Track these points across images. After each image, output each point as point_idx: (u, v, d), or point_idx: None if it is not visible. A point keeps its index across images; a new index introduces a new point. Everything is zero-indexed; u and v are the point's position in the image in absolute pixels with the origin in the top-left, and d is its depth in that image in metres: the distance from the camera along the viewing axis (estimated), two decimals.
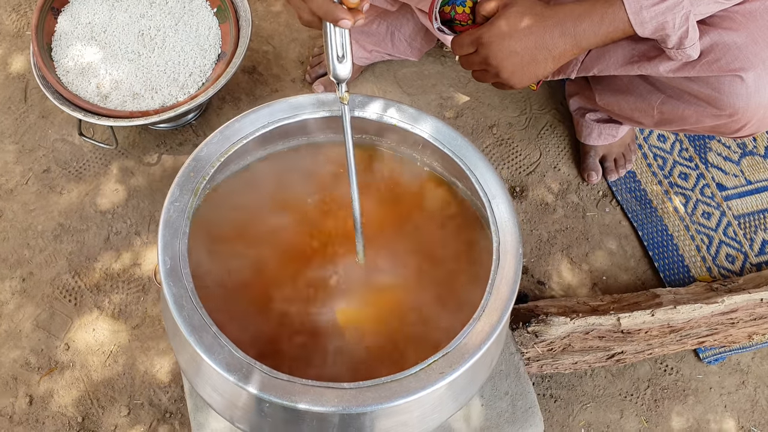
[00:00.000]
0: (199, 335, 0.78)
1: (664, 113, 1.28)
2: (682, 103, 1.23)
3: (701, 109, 1.20)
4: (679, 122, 1.27)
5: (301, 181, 0.99)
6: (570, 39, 1.05)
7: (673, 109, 1.25)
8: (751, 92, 1.12)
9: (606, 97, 1.43)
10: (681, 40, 1.05)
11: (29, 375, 1.39)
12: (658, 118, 1.30)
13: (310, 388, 0.76)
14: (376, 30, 1.53)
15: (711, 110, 1.18)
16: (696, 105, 1.20)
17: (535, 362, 1.34)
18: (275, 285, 0.92)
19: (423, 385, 0.77)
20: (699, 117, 1.21)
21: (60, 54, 1.49)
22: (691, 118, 1.23)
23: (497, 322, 0.81)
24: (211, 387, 0.85)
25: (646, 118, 1.33)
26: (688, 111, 1.22)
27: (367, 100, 0.96)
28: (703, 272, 1.58)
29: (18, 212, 1.53)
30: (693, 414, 1.45)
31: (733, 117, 1.16)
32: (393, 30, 1.55)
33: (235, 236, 0.95)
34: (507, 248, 0.86)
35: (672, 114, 1.26)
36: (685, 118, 1.24)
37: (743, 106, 1.14)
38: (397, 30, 1.55)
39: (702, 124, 1.23)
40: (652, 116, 1.31)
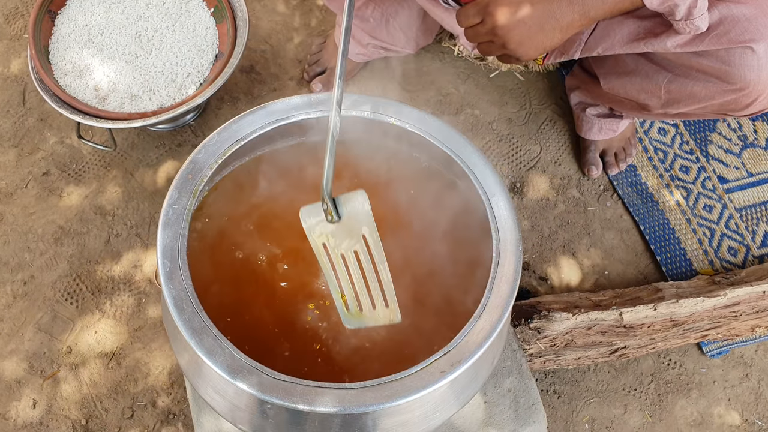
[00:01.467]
0: (200, 338, 0.78)
1: (671, 92, 1.26)
2: (690, 80, 1.21)
3: (710, 85, 1.18)
4: (687, 101, 1.24)
5: (299, 182, 0.99)
6: (578, 8, 1.02)
7: (681, 87, 1.23)
8: (763, 64, 1.11)
9: (611, 80, 1.41)
10: (690, 10, 1.02)
11: (32, 378, 1.39)
12: (666, 98, 1.28)
13: (311, 388, 0.76)
14: (371, 15, 1.51)
15: (721, 85, 1.16)
16: (705, 81, 1.18)
17: (537, 358, 1.34)
18: (275, 286, 0.92)
19: (424, 384, 0.77)
20: (708, 93, 1.19)
21: (57, 57, 1.49)
22: (699, 94, 1.21)
23: (498, 320, 0.81)
24: (212, 389, 0.85)
25: (652, 99, 1.31)
26: (697, 88, 1.20)
27: (364, 99, 0.95)
28: (705, 265, 1.57)
29: (18, 216, 1.53)
30: (697, 407, 1.44)
31: (743, 91, 1.15)
32: (388, 17, 1.53)
33: (235, 237, 0.95)
34: (507, 246, 0.86)
35: (680, 92, 1.24)
36: (694, 96, 1.22)
37: (754, 78, 1.12)
38: (392, 17, 1.53)
39: (711, 101, 1.21)
40: (659, 96, 1.29)
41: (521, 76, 1.77)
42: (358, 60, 1.70)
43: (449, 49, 1.77)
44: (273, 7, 1.81)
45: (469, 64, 1.77)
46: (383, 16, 1.53)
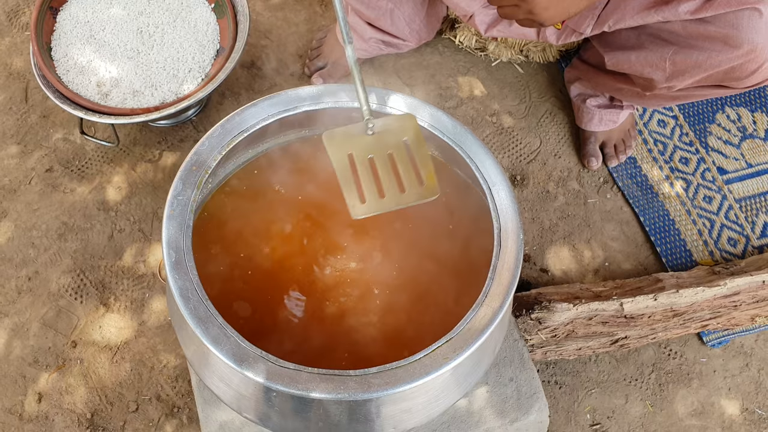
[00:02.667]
0: (206, 326, 0.79)
1: (676, 63, 1.26)
2: (695, 50, 1.22)
3: (715, 53, 1.18)
4: (692, 71, 1.25)
5: (303, 173, 1.00)
6: None
7: (686, 57, 1.24)
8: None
9: (616, 56, 1.40)
10: None
11: (38, 373, 1.40)
12: (671, 71, 1.28)
13: (316, 376, 0.77)
14: (377, 3, 1.52)
15: (727, 52, 1.17)
16: (710, 50, 1.19)
17: (539, 349, 1.35)
18: (280, 275, 0.93)
19: (427, 370, 0.78)
20: (713, 62, 1.20)
21: (60, 53, 1.50)
22: (704, 63, 1.21)
23: (500, 307, 0.82)
24: (218, 378, 0.86)
25: (657, 72, 1.31)
26: (702, 57, 1.21)
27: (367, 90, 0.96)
28: (705, 256, 1.58)
29: (22, 212, 1.54)
30: (697, 397, 1.45)
31: (750, 55, 1.15)
32: (393, 7, 1.53)
33: (239, 227, 0.96)
34: (508, 234, 0.87)
35: (685, 63, 1.25)
36: (699, 65, 1.23)
37: (762, 41, 1.13)
38: (398, 8, 1.54)
39: (717, 69, 1.21)
40: (664, 69, 1.29)
41: (521, 69, 1.77)
42: (359, 56, 1.71)
43: (449, 42, 1.78)
44: (273, 3, 1.82)
45: (469, 57, 1.77)
46: (388, 4, 1.53)
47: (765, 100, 1.77)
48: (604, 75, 1.51)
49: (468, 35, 1.74)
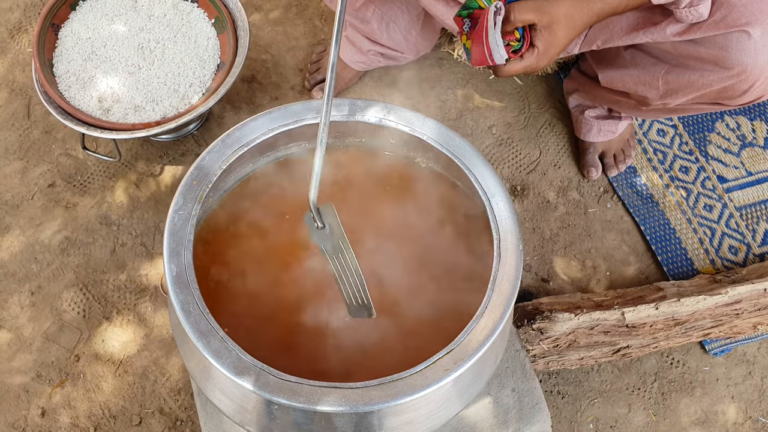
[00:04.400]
0: (207, 340, 0.79)
1: (669, 83, 1.28)
2: (687, 70, 1.23)
3: (707, 73, 1.20)
4: (685, 90, 1.26)
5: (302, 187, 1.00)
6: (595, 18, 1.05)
7: (679, 77, 1.25)
8: (759, 48, 1.13)
9: (609, 74, 1.42)
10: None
11: (41, 387, 1.40)
12: (664, 89, 1.29)
13: (317, 388, 0.77)
14: (371, 17, 1.53)
15: (718, 72, 1.18)
16: (702, 70, 1.20)
17: (541, 359, 1.35)
18: (281, 289, 0.94)
19: (429, 382, 0.78)
20: (706, 82, 1.21)
21: (61, 69, 1.51)
22: (697, 83, 1.23)
23: (500, 318, 0.82)
24: (220, 391, 0.86)
25: (651, 90, 1.32)
26: (694, 77, 1.22)
27: (366, 104, 0.97)
28: (707, 264, 1.58)
29: (25, 227, 1.55)
30: (701, 406, 1.45)
31: (741, 76, 1.16)
32: (388, 21, 1.55)
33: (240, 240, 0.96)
34: (507, 245, 0.87)
35: (677, 82, 1.26)
36: (692, 84, 1.24)
37: (751, 62, 1.14)
38: (393, 21, 1.55)
39: (709, 89, 1.22)
40: (657, 88, 1.30)
41: (519, 80, 1.78)
42: (358, 68, 1.72)
43: (448, 55, 1.79)
44: (273, 18, 1.83)
45: (467, 69, 1.78)
46: (383, 19, 1.55)
47: (764, 109, 1.77)
48: (602, 88, 1.52)
49: None
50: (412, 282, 0.94)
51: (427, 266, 0.97)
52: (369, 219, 0.97)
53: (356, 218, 0.98)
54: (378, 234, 0.98)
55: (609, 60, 1.41)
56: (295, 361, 0.88)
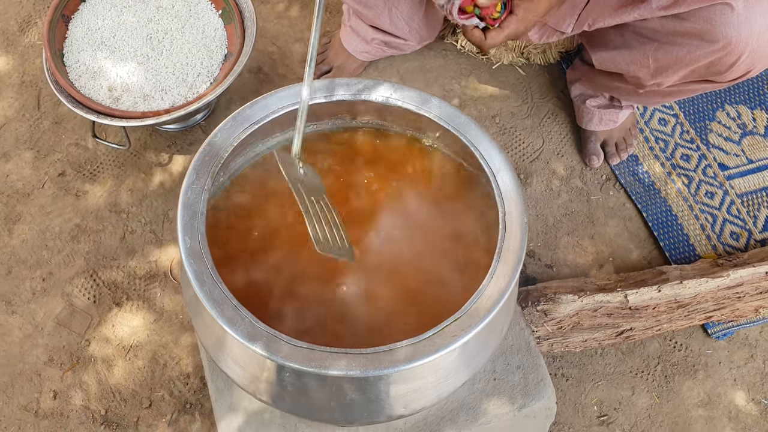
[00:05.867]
0: (221, 308, 0.81)
1: (658, 60, 1.30)
2: (674, 46, 1.26)
3: (694, 48, 1.22)
4: (674, 67, 1.29)
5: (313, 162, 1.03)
6: None
7: (667, 54, 1.28)
8: (742, 20, 1.15)
9: (602, 55, 1.45)
10: None
11: (52, 371, 1.43)
12: (654, 68, 1.32)
13: (328, 354, 0.79)
14: (374, 2, 1.56)
15: (704, 47, 1.21)
16: (688, 45, 1.23)
17: (545, 341, 1.37)
18: (289, 260, 0.96)
19: (437, 347, 0.80)
20: (693, 57, 1.24)
21: (72, 59, 1.54)
22: (685, 59, 1.25)
23: (506, 287, 0.84)
24: (232, 360, 0.88)
25: (642, 69, 1.35)
26: (682, 52, 1.25)
27: (372, 83, 0.99)
28: (708, 250, 1.60)
29: (36, 215, 1.57)
30: (703, 388, 1.47)
31: (726, 49, 1.19)
32: (390, 6, 1.57)
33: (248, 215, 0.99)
34: (512, 218, 0.90)
35: (666, 59, 1.29)
36: (680, 61, 1.26)
37: (735, 35, 1.16)
38: (395, 7, 1.57)
39: (697, 64, 1.25)
40: (648, 66, 1.33)
41: (522, 71, 1.81)
42: (363, 58, 1.74)
43: (451, 46, 1.81)
44: (279, 10, 1.86)
45: (471, 60, 1.81)
46: (386, 4, 1.57)
47: (764, 97, 1.80)
48: (602, 75, 1.54)
49: None
50: (419, 256, 0.96)
51: (433, 240, 0.99)
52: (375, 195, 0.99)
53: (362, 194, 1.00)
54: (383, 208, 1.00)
55: (601, 42, 1.45)
56: (306, 330, 0.90)
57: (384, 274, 0.95)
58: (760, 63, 1.23)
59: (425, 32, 1.68)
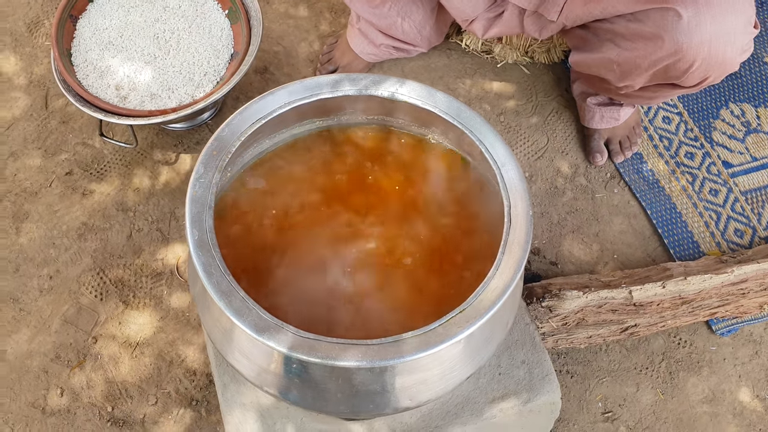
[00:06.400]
0: (228, 299, 0.82)
1: (621, 64, 1.34)
2: (634, 51, 1.29)
3: (650, 52, 1.25)
4: (636, 71, 1.32)
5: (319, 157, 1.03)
6: None
7: (627, 58, 1.31)
8: (692, 27, 1.17)
9: (576, 57, 1.50)
10: None
11: (59, 368, 1.44)
12: (619, 71, 1.37)
13: (335, 345, 0.80)
14: (387, 13, 1.58)
15: (658, 51, 1.23)
16: (644, 49, 1.26)
17: (550, 337, 1.38)
18: (297, 255, 0.96)
19: (442, 339, 0.81)
20: (650, 61, 1.27)
21: (79, 59, 1.55)
22: (643, 63, 1.28)
23: (511, 279, 0.85)
24: (239, 352, 0.89)
25: (609, 73, 1.40)
26: (640, 56, 1.28)
27: (378, 78, 1.00)
28: (713, 247, 1.61)
29: (43, 213, 1.58)
30: (708, 385, 1.47)
31: (678, 55, 1.21)
32: (403, 15, 1.60)
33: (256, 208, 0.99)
34: (518, 211, 0.90)
35: (628, 63, 1.32)
36: (639, 65, 1.30)
37: (686, 41, 1.19)
38: (408, 17, 1.61)
39: (655, 68, 1.28)
40: (614, 70, 1.38)
41: (527, 70, 1.81)
42: (370, 60, 1.76)
43: (456, 45, 1.82)
44: (285, 11, 1.87)
45: (475, 59, 1.82)
46: (399, 14, 1.60)
47: None
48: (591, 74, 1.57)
49: (474, 38, 1.78)
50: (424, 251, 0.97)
51: (439, 235, 0.99)
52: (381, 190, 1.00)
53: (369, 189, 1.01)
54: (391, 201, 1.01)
55: (577, 44, 1.49)
56: (313, 322, 0.91)
57: (390, 266, 0.96)
58: (714, 70, 1.25)
59: (435, 38, 1.70)
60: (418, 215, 1.00)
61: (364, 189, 1.03)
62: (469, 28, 1.54)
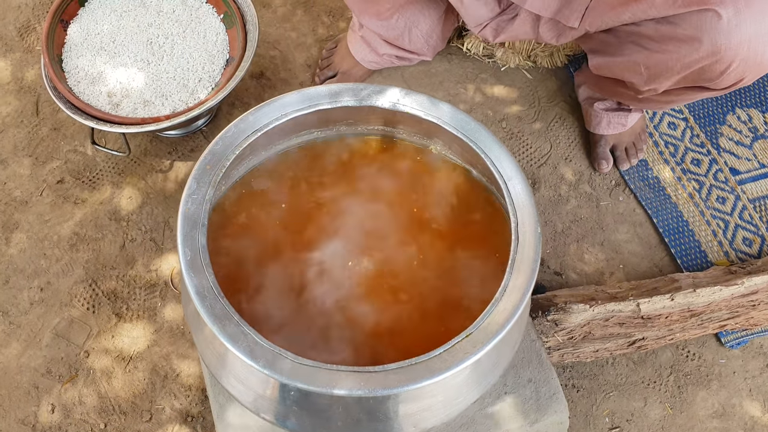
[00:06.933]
0: (222, 324, 0.78)
1: (650, 67, 1.29)
2: (665, 53, 1.24)
3: (684, 55, 1.21)
4: (666, 73, 1.28)
5: (315, 171, 0.99)
6: None
7: (658, 60, 1.27)
8: (732, 28, 1.13)
9: (598, 61, 1.44)
10: None
11: (51, 383, 1.39)
12: (647, 74, 1.31)
13: (335, 372, 0.76)
14: (395, 24, 1.55)
15: (694, 53, 1.19)
16: (679, 52, 1.21)
17: (555, 351, 1.34)
18: (294, 273, 0.92)
19: (448, 365, 0.77)
20: (684, 64, 1.22)
21: (70, 65, 1.51)
22: (676, 66, 1.24)
23: (519, 301, 0.81)
24: (235, 378, 0.85)
25: (636, 76, 1.35)
26: (673, 59, 1.24)
27: (380, 89, 0.96)
28: (721, 257, 1.57)
29: (34, 223, 1.54)
30: (718, 399, 1.43)
31: (716, 56, 1.17)
32: (411, 26, 1.57)
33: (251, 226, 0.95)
34: (525, 228, 0.86)
35: (658, 66, 1.28)
36: (671, 68, 1.25)
37: (725, 42, 1.15)
38: (415, 26, 1.57)
39: (688, 70, 1.24)
40: (641, 73, 1.32)
41: (529, 74, 1.77)
42: (371, 67, 1.72)
43: (457, 49, 1.78)
44: (281, 15, 1.83)
45: (477, 63, 1.78)
46: (406, 25, 1.57)
47: None
48: (605, 79, 1.53)
49: (476, 42, 1.74)
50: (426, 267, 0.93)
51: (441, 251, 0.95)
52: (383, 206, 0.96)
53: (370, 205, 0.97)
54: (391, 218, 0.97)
55: (597, 47, 1.43)
56: (311, 345, 0.87)
57: (390, 286, 0.92)
58: (751, 71, 1.22)
59: (439, 45, 1.67)
60: (419, 230, 0.96)
61: (362, 202, 0.99)
62: (480, 33, 1.49)
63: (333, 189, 0.99)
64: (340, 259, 0.93)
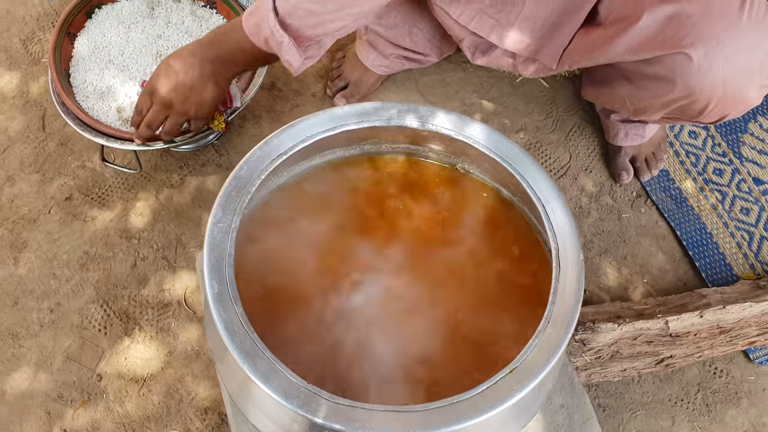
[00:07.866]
0: (253, 362, 0.74)
1: (634, 103, 1.28)
2: (647, 90, 1.23)
3: (662, 93, 1.19)
4: (649, 109, 1.27)
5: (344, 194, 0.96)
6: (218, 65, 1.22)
7: (641, 97, 1.25)
8: (703, 70, 1.10)
9: (588, 90, 1.45)
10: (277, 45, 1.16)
11: (62, 408, 1.35)
12: (632, 108, 1.31)
13: (374, 413, 0.72)
14: (394, 22, 1.52)
15: (669, 93, 1.17)
16: (656, 90, 1.20)
17: (583, 371, 1.30)
18: (324, 304, 0.89)
19: (492, 403, 0.73)
20: (664, 101, 1.21)
21: (78, 79, 1.47)
22: (657, 103, 1.22)
23: (564, 334, 0.77)
24: (264, 414, 0.81)
25: (623, 108, 1.34)
26: (653, 96, 1.22)
27: (407, 107, 0.92)
28: (746, 270, 1.53)
29: (42, 242, 1.50)
30: (748, 417, 1.40)
31: (691, 97, 1.15)
32: (411, 25, 1.54)
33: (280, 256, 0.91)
34: (567, 254, 0.83)
35: (641, 102, 1.26)
36: (653, 105, 1.24)
37: (698, 85, 1.12)
38: (416, 26, 1.55)
39: (669, 108, 1.22)
40: (627, 107, 1.32)
41: (546, 83, 1.74)
42: (381, 72, 1.68)
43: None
44: None
45: (492, 73, 1.74)
46: (405, 23, 1.53)
47: None
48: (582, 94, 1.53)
49: None
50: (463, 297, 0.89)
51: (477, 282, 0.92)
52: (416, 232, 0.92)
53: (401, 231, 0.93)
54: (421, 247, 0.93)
55: (592, 77, 1.43)
56: (343, 380, 0.83)
57: (424, 315, 0.88)
58: (733, 108, 1.19)
59: (446, 47, 1.62)
60: (454, 257, 0.92)
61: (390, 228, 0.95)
62: (461, 45, 1.47)
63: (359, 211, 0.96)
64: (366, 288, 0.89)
